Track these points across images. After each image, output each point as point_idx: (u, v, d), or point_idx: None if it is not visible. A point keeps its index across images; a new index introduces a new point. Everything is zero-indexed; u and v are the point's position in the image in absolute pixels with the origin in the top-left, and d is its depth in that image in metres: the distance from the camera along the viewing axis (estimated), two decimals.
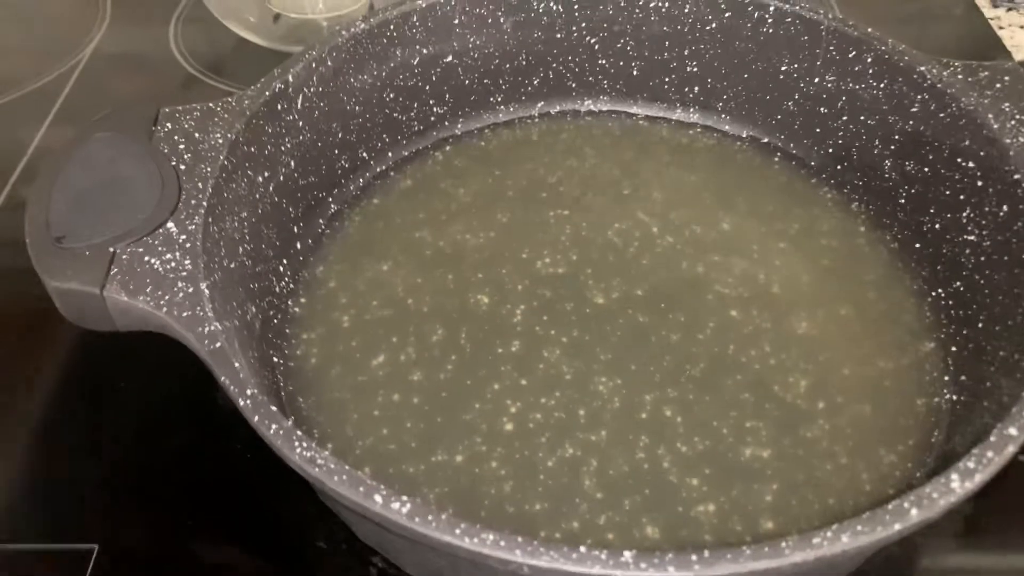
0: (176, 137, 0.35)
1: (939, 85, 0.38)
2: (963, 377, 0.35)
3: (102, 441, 0.36)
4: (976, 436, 0.30)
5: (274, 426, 0.26)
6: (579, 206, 0.44)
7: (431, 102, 0.45)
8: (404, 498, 0.24)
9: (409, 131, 0.45)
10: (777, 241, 0.42)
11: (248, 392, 0.27)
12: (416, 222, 0.43)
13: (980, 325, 0.35)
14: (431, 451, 0.34)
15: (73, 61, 0.56)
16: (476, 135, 0.47)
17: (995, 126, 0.35)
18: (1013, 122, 0.35)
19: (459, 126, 0.47)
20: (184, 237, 0.32)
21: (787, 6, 0.42)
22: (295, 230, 0.40)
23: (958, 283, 0.37)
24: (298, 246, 0.41)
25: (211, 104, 0.37)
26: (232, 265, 0.34)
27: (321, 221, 0.42)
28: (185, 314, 0.29)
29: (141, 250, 0.31)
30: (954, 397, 0.35)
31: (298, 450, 0.25)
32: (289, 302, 0.39)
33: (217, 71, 0.55)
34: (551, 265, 0.41)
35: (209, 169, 0.34)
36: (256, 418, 0.26)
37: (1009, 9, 0.58)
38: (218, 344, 0.28)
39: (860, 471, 0.33)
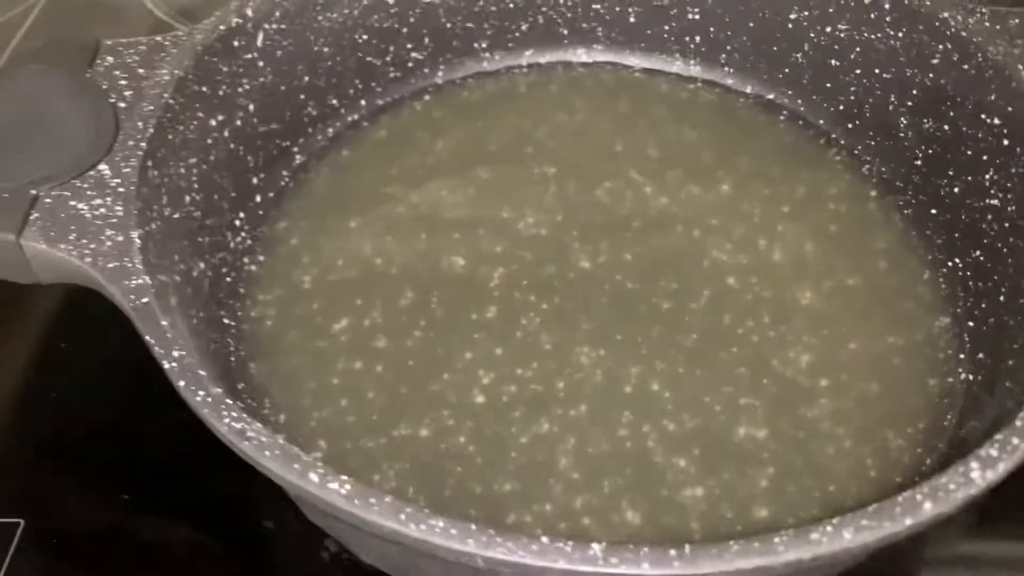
0: (117, 72, 0.32)
1: (963, 33, 0.34)
2: (980, 355, 0.32)
3: (35, 407, 0.33)
4: (994, 421, 0.27)
5: (201, 393, 0.23)
6: (567, 163, 0.40)
7: (409, 46, 0.42)
8: (343, 478, 0.21)
9: (384, 78, 0.42)
10: (781, 205, 0.38)
11: (174, 354, 0.24)
12: (389, 177, 0.39)
13: (1001, 299, 0.32)
14: (393, 424, 0.31)
15: (30, 2, 0.52)
16: (459, 84, 0.43)
17: None
18: None
19: (440, 74, 0.43)
20: (117, 181, 0.28)
21: None
22: (254, 181, 0.37)
23: (978, 252, 0.34)
24: (258, 199, 0.37)
25: (159, 38, 0.33)
26: (176, 215, 0.31)
27: (285, 173, 0.39)
28: (111, 265, 0.26)
29: (67, 194, 0.28)
30: (970, 377, 0.32)
31: (226, 420, 0.22)
32: (245, 259, 0.36)
33: (190, 18, 0.51)
34: (534, 226, 0.37)
35: (151, 108, 0.31)
36: (182, 383, 0.23)
37: None
38: (145, 300, 0.25)
39: (865, 456, 0.30)
